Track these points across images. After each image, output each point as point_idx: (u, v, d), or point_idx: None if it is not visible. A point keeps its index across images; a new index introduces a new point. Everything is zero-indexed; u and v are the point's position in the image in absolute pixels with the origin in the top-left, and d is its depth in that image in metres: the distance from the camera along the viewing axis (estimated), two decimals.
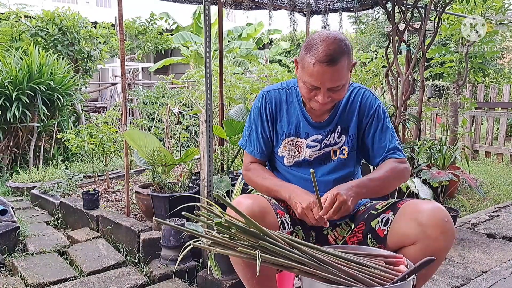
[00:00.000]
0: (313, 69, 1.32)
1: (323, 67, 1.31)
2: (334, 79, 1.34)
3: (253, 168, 1.60)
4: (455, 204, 3.68)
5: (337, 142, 1.54)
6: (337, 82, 1.35)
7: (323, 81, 1.33)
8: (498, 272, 2.38)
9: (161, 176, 2.98)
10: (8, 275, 2.52)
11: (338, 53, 1.31)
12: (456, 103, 4.95)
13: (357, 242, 1.49)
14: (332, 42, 1.32)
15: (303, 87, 1.41)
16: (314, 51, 1.32)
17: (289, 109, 1.56)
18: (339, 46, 1.32)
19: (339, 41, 1.33)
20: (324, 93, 1.36)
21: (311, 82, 1.35)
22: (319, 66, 1.31)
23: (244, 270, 1.34)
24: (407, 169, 1.54)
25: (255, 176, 1.58)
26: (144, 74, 13.44)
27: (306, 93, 1.41)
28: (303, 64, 1.37)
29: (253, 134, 1.60)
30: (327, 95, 1.37)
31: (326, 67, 1.31)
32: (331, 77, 1.33)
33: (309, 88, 1.38)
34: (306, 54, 1.35)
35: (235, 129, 2.98)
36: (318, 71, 1.32)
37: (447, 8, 3.77)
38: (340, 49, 1.32)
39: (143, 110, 6.39)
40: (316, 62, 1.31)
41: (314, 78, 1.34)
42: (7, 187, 4.31)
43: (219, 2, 3.42)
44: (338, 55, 1.31)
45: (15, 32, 6.29)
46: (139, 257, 2.61)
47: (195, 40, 11.15)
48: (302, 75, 1.38)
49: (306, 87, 1.39)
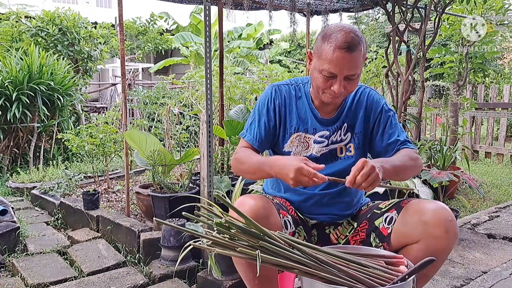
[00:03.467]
0: (332, 56, 1.35)
1: (342, 53, 1.34)
2: (352, 66, 1.36)
3: (239, 151, 1.53)
4: (455, 204, 3.68)
5: (343, 139, 1.55)
6: (353, 70, 1.38)
7: (342, 67, 1.35)
8: (498, 273, 2.38)
9: (161, 177, 2.98)
10: (8, 275, 2.52)
11: (356, 41, 1.35)
12: (456, 104, 4.95)
13: (360, 241, 1.49)
14: (350, 31, 1.36)
15: (319, 77, 1.41)
16: (332, 39, 1.35)
17: (298, 105, 1.57)
18: (356, 35, 1.36)
19: (355, 31, 1.37)
20: (340, 81, 1.38)
21: (330, 69, 1.37)
22: (339, 51, 1.34)
23: (246, 270, 1.34)
24: (421, 162, 1.54)
25: (239, 158, 1.49)
26: (144, 74, 13.44)
27: (322, 83, 1.41)
28: (320, 53, 1.39)
29: (254, 123, 1.57)
30: (342, 84, 1.38)
31: (345, 53, 1.34)
32: (349, 63, 1.35)
33: (326, 77, 1.39)
34: (323, 42, 1.38)
35: (235, 129, 2.98)
36: (337, 57, 1.34)
37: (447, 9, 3.77)
38: (358, 38, 1.36)
39: (143, 111, 6.39)
40: (336, 49, 1.34)
41: (333, 64, 1.35)
42: (7, 187, 4.31)
43: (219, 3, 3.43)
44: (356, 43, 1.35)
45: (16, 32, 6.30)
46: (139, 257, 2.61)
47: (195, 40, 11.15)
48: (320, 64, 1.39)
49: (323, 76, 1.40)
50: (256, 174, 1.46)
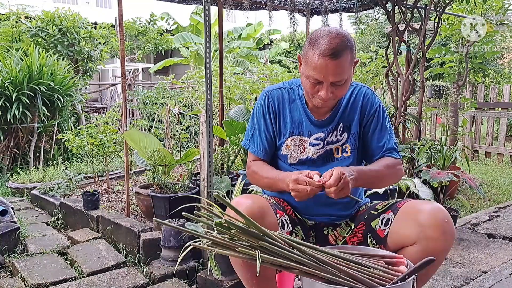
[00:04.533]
0: (316, 63, 1.34)
1: (326, 60, 1.32)
2: (336, 73, 1.35)
3: (254, 165, 1.59)
4: (455, 204, 3.68)
5: (340, 139, 1.54)
6: (339, 76, 1.36)
7: (326, 74, 1.34)
8: (498, 273, 2.38)
9: (161, 177, 2.98)
10: (8, 276, 2.52)
11: (341, 47, 1.33)
12: (456, 104, 4.95)
13: (357, 242, 1.49)
14: (335, 36, 1.34)
15: (306, 83, 1.42)
16: (317, 45, 1.34)
17: (292, 108, 1.56)
18: (342, 41, 1.34)
19: (342, 36, 1.35)
20: (327, 88, 1.37)
21: (314, 76, 1.36)
22: (322, 59, 1.32)
23: (244, 270, 1.34)
24: (401, 171, 1.56)
25: (255, 174, 1.57)
26: (144, 74, 13.44)
27: (309, 88, 1.41)
28: (306, 58, 1.39)
29: (256, 134, 1.59)
30: (329, 90, 1.38)
31: (329, 60, 1.32)
32: (334, 70, 1.34)
33: (313, 83, 1.39)
34: (309, 48, 1.37)
35: (235, 129, 2.98)
36: (321, 64, 1.33)
37: (447, 9, 3.77)
38: (343, 44, 1.34)
39: (143, 111, 6.39)
40: (320, 56, 1.33)
41: (317, 71, 1.35)
42: (7, 188, 4.32)
43: (219, 3, 3.43)
44: (341, 49, 1.33)
45: (16, 32, 6.30)
46: (139, 257, 2.61)
47: (195, 40, 11.15)
48: (306, 70, 1.39)
49: (310, 82, 1.40)
50: (273, 188, 1.52)
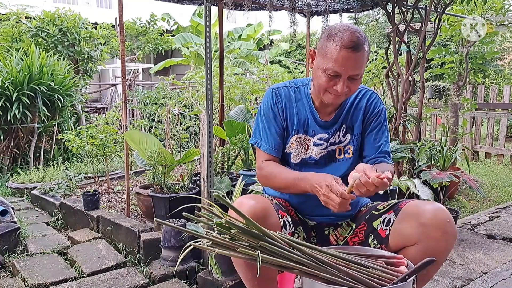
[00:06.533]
0: (338, 54, 1.34)
1: (348, 52, 1.34)
2: (356, 66, 1.36)
3: (268, 166, 1.55)
4: (456, 205, 3.68)
5: (342, 140, 1.55)
6: (357, 70, 1.38)
7: (347, 66, 1.35)
8: (499, 273, 2.38)
9: (162, 177, 2.98)
10: (9, 276, 2.52)
11: (361, 41, 1.35)
12: (456, 104, 4.95)
13: (359, 242, 1.49)
14: (355, 31, 1.37)
15: (322, 76, 1.41)
16: (338, 38, 1.35)
17: (298, 106, 1.57)
18: (361, 35, 1.37)
19: (360, 32, 1.38)
20: (344, 81, 1.38)
21: (334, 68, 1.36)
22: (345, 51, 1.34)
23: (246, 270, 1.34)
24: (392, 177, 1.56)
25: (271, 174, 1.52)
26: (144, 75, 13.45)
27: (325, 82, 1.40)
28: (325, 51, 1.38)
29: (266, 131, 1.56)
30: (346, 84, 1.38)
31: (351, 53, 1.34)
32: (354, 63, 1.36)
33: (330, 76, 1.39)
34: (329, 41, 1.37)
35: (236, 129, 2.99)
36: (343, 56, 1.34)
37: (447, 9, 3.77)
38: (362, 38, 1.37)
39: (144, 111, 6.39)
40: (342, 48, 1.34)
41: (338, 63, 1.35)
42: (7, 188, 4.31)
43: (219, 3, 3.43)
44: (361, 43, 1.35)
45: (16, 32, 6.30)
46: (140, 257, 2.61)
47: (196, 41, 11.15)
48: (324, 63, 1.39)
49: (327, 75, 1.39)
50: (290, 189, 1.48)
